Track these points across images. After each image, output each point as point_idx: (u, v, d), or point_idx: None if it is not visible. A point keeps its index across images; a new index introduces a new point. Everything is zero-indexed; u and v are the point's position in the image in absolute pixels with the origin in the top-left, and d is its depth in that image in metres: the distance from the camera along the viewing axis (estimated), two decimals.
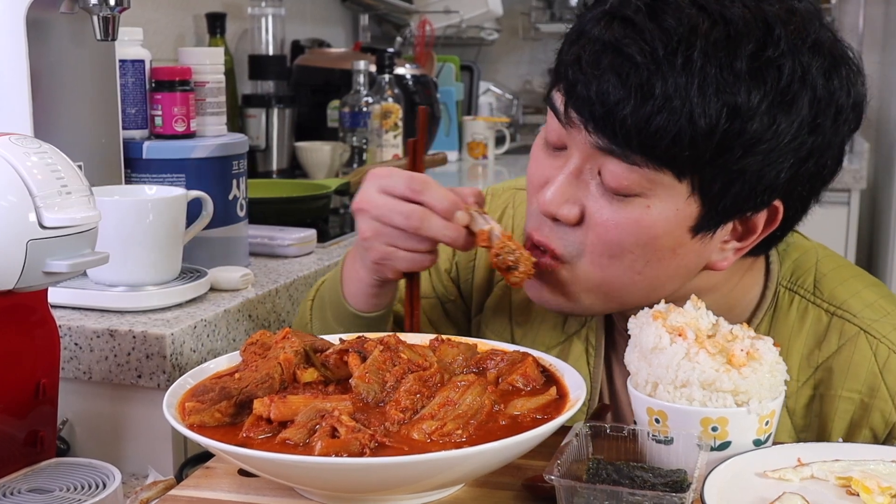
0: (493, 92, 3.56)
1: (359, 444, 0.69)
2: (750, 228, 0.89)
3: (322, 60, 2.35)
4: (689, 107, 0.80)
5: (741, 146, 0.81)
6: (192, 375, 0.81)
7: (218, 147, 1.31)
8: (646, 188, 0.84)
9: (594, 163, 0.86)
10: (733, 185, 0.84)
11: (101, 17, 1.13)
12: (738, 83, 0.80)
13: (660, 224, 0.85)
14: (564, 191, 0.88)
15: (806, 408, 0.94)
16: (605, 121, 0.83)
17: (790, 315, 0.96)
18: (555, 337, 1.04)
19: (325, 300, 1.02)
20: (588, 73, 0.83)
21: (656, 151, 0.82)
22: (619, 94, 0.81)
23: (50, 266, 0.86)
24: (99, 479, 0.91)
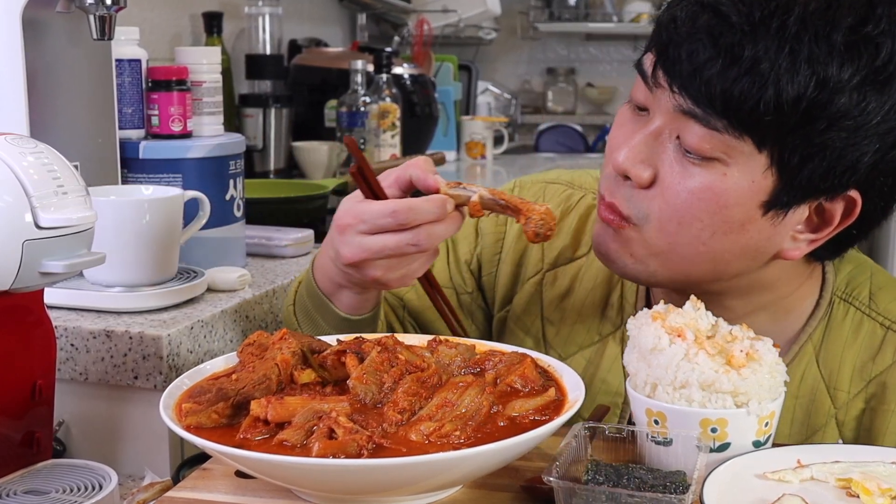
0: (491, 91, 3.56)
1: (356, 445, 0.68)
2: (826, 219, 0.88)
3: (319, 60, 2.35)
4: (777, 73, 0.79)
5: (826, 119, 0.80)
6: (188, 376, 0.81)
7: (215, 147, 1.31)
8: (724, 154, 0.84)
9: (675, 126, 0.86)
10: (812, 160, 0.83)
11: (97, 16, 1.13)
12: (832, 55, 0.80)
13: (732, 193, 0.84)
14: (640, 150, 0.87)
15: (856, 420, 0.94)
16: (691, 80, 0.82)
17: (844, 326, 0.95)
18: (589, 338, 1.03)
19: (309, 311, 1.00)
20: (682, 32, 0.83)
21: (739, 116, 0.81)
22: (708, 54, 0.81)
23: (46, 266, 0.86)
24: (95, 480, 0.90)
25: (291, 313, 1.03)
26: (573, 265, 1.05)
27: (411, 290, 1.09)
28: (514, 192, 1.09)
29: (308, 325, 1.00)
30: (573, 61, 4.11)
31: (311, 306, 1.00)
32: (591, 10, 3.92)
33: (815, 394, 0.94)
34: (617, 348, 1.01)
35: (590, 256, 1.04)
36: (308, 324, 1.00)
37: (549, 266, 1.06)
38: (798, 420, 0.95)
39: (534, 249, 1.07)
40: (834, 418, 0.94)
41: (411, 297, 1.09)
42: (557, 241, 1.06)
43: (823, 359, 0.95)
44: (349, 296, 0.96)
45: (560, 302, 1.04)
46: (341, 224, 0.89)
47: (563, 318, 1.04)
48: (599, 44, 4.09)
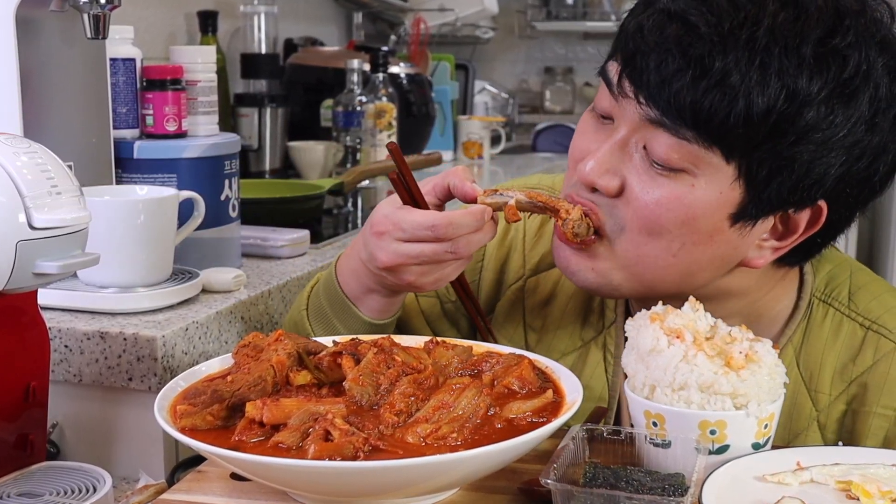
0: (488, 91, 3.56)
1: (352, 447, 0.68)
2: (791, 228, 0.88)
3: (315, 59, 2.35)
4: (748, 85, 0.79)
5: (794, 132, 0.80)
6: (183, 378, 0.81)
7: (210, 147, 1.30)
8: (692, 165, 0.83)
9: (641, 136, 0.85)
10: (780, 174, 0.83)
11: (91, 15, 1.12)
12: (801, 68, 0.79)
13: (701, 204, 0.84)
14: (606, 160, 0.87)
15: (838, 422, 0.94)
16: (659, 91, 0.82)
17: (824, 327, 0.95)
18: (571, 343, 1.02)
19: (328, 316, 1.00)
20: (650, 42, 0.82)
21: (708, 128, 0.81)
22: (677, 65, 0.80)
23: (40, 267, 0.85)
24: (89, 483, 0.90)
25: (304, 318, 1.02)
26: (555, 271, 1.04)
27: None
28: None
29: (323, 329, 1.00)
30: (571, 60, 4.10)
31: (330, 311, 0.99)
32: (589, 9, 3.91)
33: (796, 397, 0.94)
34: (599, 353, 1.01)
35: None
36: (323, 328, 1.00)
37: (531, 272, 1.06)
38: (780, 424, 0.93)
39: (515, 255, 1.07)
40: (816, 421, 0.94)
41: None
42: (539, 246, 1.06)
43: (804, 361, 0.95)
44: (377, 300, 0.96)
45: (542, 308, 1.04)
46: (379, 230, 0.90)
47: (544, 325, 1.04)
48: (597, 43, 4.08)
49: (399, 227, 0.88)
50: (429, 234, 0.87)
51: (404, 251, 0.88)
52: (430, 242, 0.88)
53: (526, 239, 1.07)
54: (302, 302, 1.05)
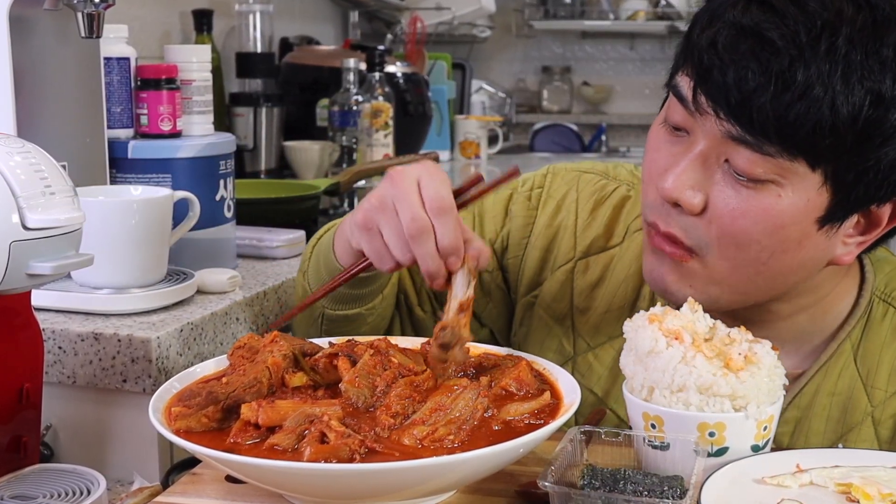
0: (485, 90, 3.56)
1: (349, 449, 0.68)
2: (874, 221, 0.88)
3: (311, 58, 2.34)
4: (832, 94, 0.79)
5: (881, 135, 0.80)
6: (178, 380, 0.81)
7: (205, 147, 1.30)
8: (778, 175, 0.83)
9: (722, 150, 0.84)
10: (867, 175, 0.83)
11: (85, 13, 1.12)
12: (884, 70, 0.79)
13: (788, 213, 0.84)
14: (688, 176, 0.85)
15: (893, 418, 0.94)
16: (742, 108, 0.81)
17: (883, 326, 0.95)
18: (619, 329, 1.01)
19: (322, 250, 1.02)
20: (725, 58, 0.81)
21: (794, 140, 0.80)
22: (757, 81, 0.80)
23: (33, 268, 0.85)
24: (83, 485, 0.89)
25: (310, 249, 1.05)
26: (605, 255, 1.04)
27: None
28: (546, 179, 1.09)
29: (314, 263, 1.02)
30: (569, 59, 4.10)
31: (325, 248, 1.00)
32: (587, 8, 3.91)
33: (853, 391, 0.95)
34: None
35: (622, 247, 1.04)
36: (314, 263, 1.02)
37: (581, 255, 1.06)
38: (833, 418, 0.95)
39: (566, 236, 1.07)
40: (870, 416, 0.94)
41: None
42: (591, 229, 1.06)
43: (861, 357, 0.95)
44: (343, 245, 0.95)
45: (591, 291, 1.04)
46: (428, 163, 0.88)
47: (593, 308, 1.04)
48: (595, 42, 4.09)
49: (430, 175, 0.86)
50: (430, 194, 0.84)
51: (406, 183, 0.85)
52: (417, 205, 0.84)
53: (578, 221, 1.07)
54: (317, 234, 1.07)
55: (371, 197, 0.88)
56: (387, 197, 0.86)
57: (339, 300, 1.01)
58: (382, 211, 0.86)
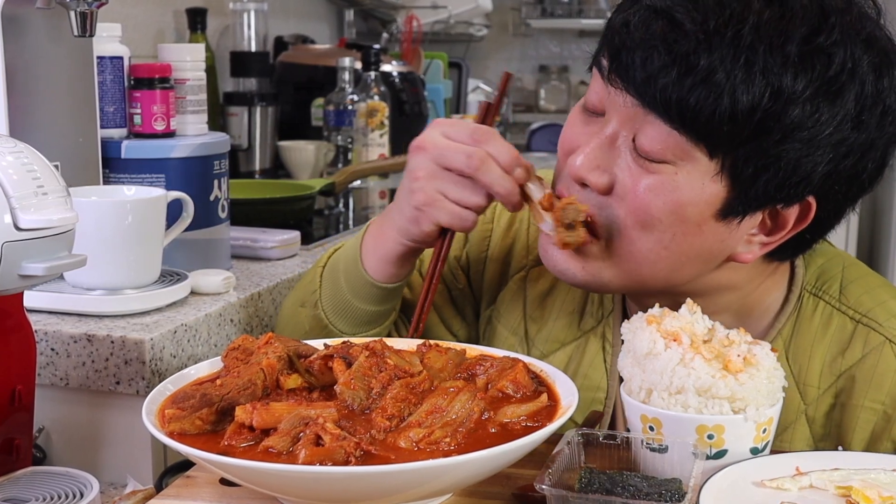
0: (482, 90, 3.55)
1: (344, 452, 0.68)
2: (779, 224, 0.88)
3: (306, 57, 2.34)
4: (733, 83, 0.80)
5: (780, 130, 0.81)
6: (172, 382, 0.80)
7: (199, 146, 1.29)
8: (676, 157, 0.84)
9: (631, 127, 0.86)
10: (767, 172, 0.83)
11: (78, 12, 1.11)
12: (786, 66, 0.80)
13: (685, 191, 0.85)
14: (596, 156, 0.88)
15: (826, 416, 0.93)
16: (646, 87, 0.82)
17: (814, 321, 0.95)
18: (570, 334, 1.03)
19: (338, 268, 1.01)
20: (635, 38, 0.83)
21: (694, 125, 0.82)
22: (662, 62, 0.81)
23: (25, 269, 0.85)
24: (76, 488, 0.89)
25: (318, 274, 1.04)
26: None
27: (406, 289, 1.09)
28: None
29: (329, 286, 1.01)
30: (566, 59, 4.10)
31: (341, 265, 1.01)
32: (585, 7, 3.91)
33: (785, 390, 0.93)
34: (598, 343, 1.01)
35: None
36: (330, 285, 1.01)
37: (534, 263, 1.06)
38: None
39: (518, 245, 1.07)
40: (804, 415, 0.93)
41: (404, 293, 1.08)
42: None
43: (793, 354, 0.95)
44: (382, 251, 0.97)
45: (543, 299, 1.04)
46: (437, 122, 0.94)
47: (544, 315, 1.04)
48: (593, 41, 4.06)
49: (451, 124, 0.92)
50: (464, 133, 0.90)
51: (437, 139, 0.91)
52: (460, 143, 0.89)
53: (530, 230, 1.07)
54: (321, 261, 1.06)
55: (411, 178, 0.91)
56: (425, 165, 0.91)
57: (357, 322, 1.00)
58: (433, 177, 0.90)
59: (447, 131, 0.91)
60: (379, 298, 0.99)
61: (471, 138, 0.90)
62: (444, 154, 0.90)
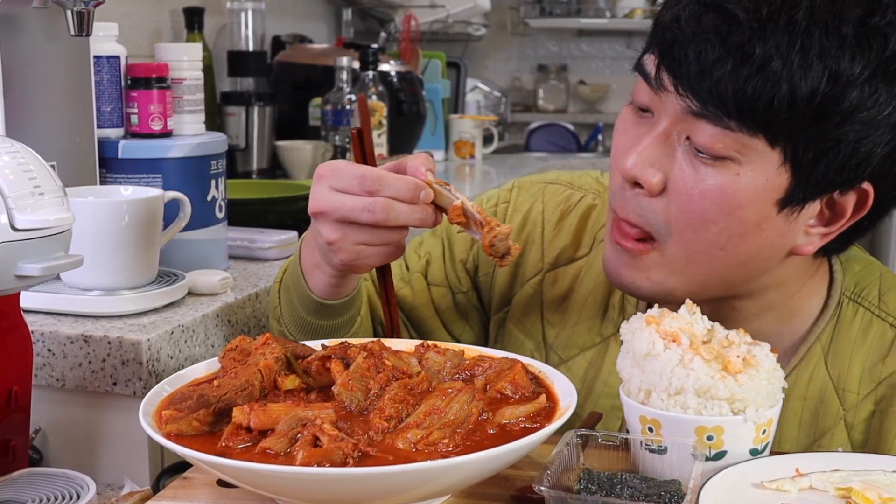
0: (480, 89, 3.55)
1: (342, 453, 0.67)
2: (838, 213, 0.88)
3: (304, 56, 2.34)
4: (790, 69, 0.79)
5: (839, 113, 0.81)
6: (169, 382, 0.80)
7: (196, 146, 1.29)
8: (737, 153, 0.83)
9: (683, 127, 0.85)
10: (827, 156, 0.82)
11: (74, 11, 1.11)
12: (843, 48, 0.80)
13: (746, 193, 0.84)
14: (648, 154, 0.86)
15: (865, 422, 0.93)
16: (700, 81, 0.81)
17: (853, 326, 0.95)
18: (590, 339, 1.02)
19: (290, 286, 1.01)
20: (687, 32, 0.82)
21: (752, 115, 0.81)
22: (717, 54, 0.80)
23: (22, 269, 0.84)
24: (73, 489, 0.89)
25: (277, 289, 1.03)
26: (573, 266, 1.04)
27: (406, 287, 1.08)
28: (511, 193, 1.10)
29: (286, 301, 1.00)
30: (565, 58, 4.09)
31: (291, 280, 1.00)
32: (584, 6, 3.90)
33: (824, 395, 0.94)
34: (619, 349, 1.00)
35: (590, 257, 1.04)
36: (286, 300, 1.00)
37: (549, 267, 1.05)
38: (806, 422, 0.94)
39: (533, 249, 1.06)
40: (843, 420, 0.93)
41: (406, 294, 1.08)
42: (558, 241, 1.06)
43: (832, 360, 0.94)
44: (321, 276, 0.95)
45: (560, 303, 1.03)
46: (318, 174, 0.90)
47: (563, 320, 1.03)
48: (592, 40, 4.08)
49: (335, 174, 0.88)
50: (355, 185, 0.86)
51: (330, 199, 0.87)
52: (355, 195, 0.86)
53: (545, 233, 1.06)
54: (279, 274, 1.05)
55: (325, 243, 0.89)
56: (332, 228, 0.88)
57: (315, 334, 0.99)
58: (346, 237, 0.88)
59: (334, 185, 0.87)
60: (333, 313, 0.98)
61: (363, 190, 0.86)
62: (344, 214, 0.87)
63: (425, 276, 1.08)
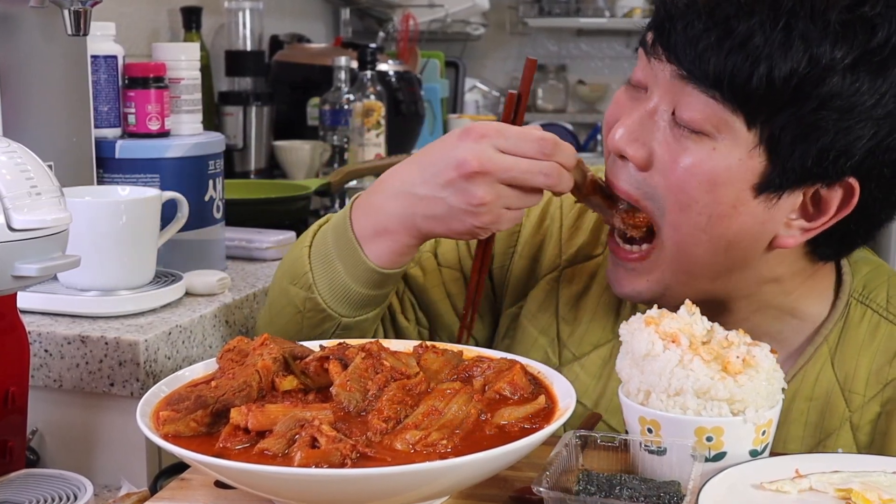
0: (479, 89, 3.55)
1: (340, 454, 0.67)
2: (821, 208, 0.87)
3: (302, 56, 2.33)
4: (770, 48, 0.80)
5: (817, 98, 0.81)
6: (166, 383, 0.80)
7: (193, 146, 1.29)
8: (714, 128, 0.84)
9: (671, 99, 0.86)
10: (804, 141, 0.83)
11: (72, 11, 1.11)
12: (826, 33, 0.80)
13: (721, 170, 0.85)
14: (634, 129, 0.88)
15: (871, 424, 0.93)
16: (685, 52, 0.83)
17: (861, 328, 0.95)
18: (604, 336, 1.02)
19: (329, 251, 0.96)
20: (679, 6, 0.84)
21: (732, 90, 0.82)
22: (703, 26, 0.82)
23: (19, 270, 0.84)
24: (70, 491, 0.89)
25: (305, 255, 0.98)
26: (591, 263, 1.04)
27: (415, 267, 1.07)
28: None
29: (323, 271, 0.96)
30: (564, 58, 4.09)
31: (334, 249, 0.96)
32: (583, 5, 3.90)
33: (830, 396, 0.94)
34: None
35: (606, 254, 1.03)
36: (323, 269, 0.96)
37: (567, 263, 1.05)
38: (812, 423, 0.94)
39: (551, 244, 1.06)
40: (848, 422, 0.93)
41: (416, 273, 1.07)
42: (576, 238, 1.06)
43: (839, 361, 0.94)
44: (387, 243, 0.93)
45: (576, 301, 1.03)
46: (480, 132, 0.88)
47: (577, 318, 1.03)
48: (591, 39, 4.07)
49: (503, 135, 0.87)
50: (531, 148, 0.87)
51: (499, 160, 0.86)
52: (530, 158, 0.87)
53: (563, 229, 1.06)
54: (306, 238, 1.00)
55: (475, 203, 0.87)
56: (491, 190, 0.87)
57: (358, 305, 0.97)
58: (499, 199, 0.87)
59: (502, 145, 0.87)
60: (383, 282, 0.96)
61: (541, 152, 0.87)
62: (515, 177, 0.87)
63: (435, 256, 1.07)
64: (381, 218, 0.92)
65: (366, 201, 0.95)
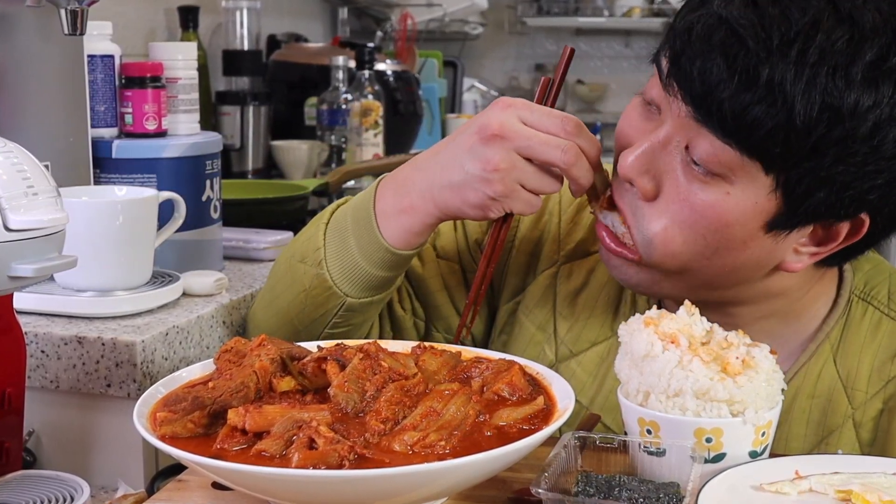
0: (477, 88, 3.54)
1: (337, 455, 0.67)
2: (831, 236, 0.87)
3: (299, 56, 2.33)
4: (791, 103, 0.78)
5: (835, 152, 0.80)
6: (163, 384, 0.80)
7: (190, 146, 1.28)
8: (730, 171, 0.83)
9: (685, 134, 0.85)
10: (819, 191, 0.82)
11: (68, 10, 1.11)
12: (849, 89, 0.78)
13: (735, 213, 0.84)
14: (646, 160, 0.87)
15: (874, 421, 0.93)
16: (703, 99, 0.81)
17: (862, 325, 0.95)
18: (602, 333, 1.02)
19: (346, 229, 0.96)
20: (695, 47, 0.82)
21: (749, 141, 0.80)
22: (721, 76, 0.80)
23: (15, 270, 0.84)
24: (67, 492, 0.89)
25: (321, 230, 0.98)
26: (590, 259, 1.04)
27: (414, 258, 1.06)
28: None
29: (335, 245, 0.96)
30: None
31: (351, 224, 0.96)
32: (582, 4, 3.90)
33: (832, 393, 0.94)
34: None
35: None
36: (336, 244, 0.96)
37: (565, 259, 1.05)
38: (814, 420, 0.94)
39: (549, 240, 1.06)
40: (851, 419, 0.93)
41: (414, 264, 1.06)
42: (574, 234, 1.05)
43: (841, 358, 0.94)
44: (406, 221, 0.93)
45: (574, 297, 1.03)
46: (506, 102, 0.89)
47: (575, 314, 1.03)
48: (590, 39, 4.07)
49: (528, 108, 0.89)
50: (553, 124, 0.87)
51: (521, 129, 0.87)
52: (550, 134, 0.87)
53: (561, 225, 1.06)
54: (323, 216, 1.00)
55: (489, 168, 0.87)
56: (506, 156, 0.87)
57: (365, 286, 0.96)
58: (514, 169, 0.87)
59: (526, 117, 0.88)
60: (393, 265, 0.95)
61: (562, 129, 0.87)
62: (532, 147, 0.87)
63: (434, 248, 1.07)
64: (405, 191, 0.93)
65: (393, 177, 0.96)
